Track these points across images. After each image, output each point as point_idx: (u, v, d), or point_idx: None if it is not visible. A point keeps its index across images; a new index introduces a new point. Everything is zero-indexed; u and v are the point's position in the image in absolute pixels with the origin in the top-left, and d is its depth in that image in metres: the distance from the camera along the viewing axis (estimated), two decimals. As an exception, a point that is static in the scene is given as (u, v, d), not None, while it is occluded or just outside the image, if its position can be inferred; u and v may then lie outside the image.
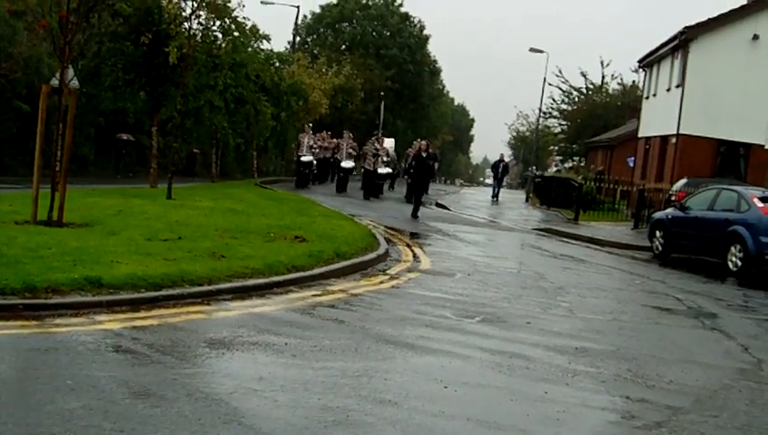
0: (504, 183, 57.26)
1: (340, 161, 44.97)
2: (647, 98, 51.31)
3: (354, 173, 46.90)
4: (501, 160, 55.54)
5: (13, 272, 11.48)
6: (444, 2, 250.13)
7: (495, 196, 53.55)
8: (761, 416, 9.50)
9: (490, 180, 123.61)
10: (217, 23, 29.79)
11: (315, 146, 44.54)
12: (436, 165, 33.16)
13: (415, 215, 31.72)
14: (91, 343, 9.53)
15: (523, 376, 10.06)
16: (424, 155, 32.16)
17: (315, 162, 45.07)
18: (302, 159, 43.06)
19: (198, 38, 28.78)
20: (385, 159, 43.81)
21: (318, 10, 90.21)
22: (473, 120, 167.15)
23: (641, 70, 55.87)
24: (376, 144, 42.90)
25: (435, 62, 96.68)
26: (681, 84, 40.52)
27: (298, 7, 70.31)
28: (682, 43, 40.53)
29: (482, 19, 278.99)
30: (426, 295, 15.08)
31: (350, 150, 44.81)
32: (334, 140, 49.95)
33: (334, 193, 40.99)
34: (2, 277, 11.09)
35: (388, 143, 47.02)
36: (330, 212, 27.49)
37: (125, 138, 45.66)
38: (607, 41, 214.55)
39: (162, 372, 8.75)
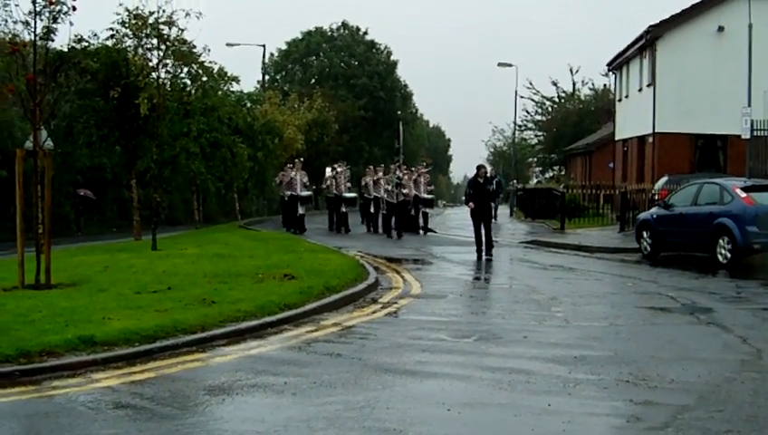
0: (500, 200, 54.02)
1: (338, 196, 39.37)
2: (619, 100, 51.45)
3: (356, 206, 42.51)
4: (493, 177, 53.39)
5: (6, 339, 11.44)
6: (406, 25, 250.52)
7: (494, 216, 50.07)
8: (765, 405, 9.49)
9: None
10: (185, 69, 29.79)
11: (309, 182, 39.43)
12: (492, 188, 28.22)
13: (489, 253, 26.59)
14: (90, 402, 9.50)
15: (525, 390, 10.04)
16: (480, 180, 27.29)
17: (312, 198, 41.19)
18: (302, 193, 37.69)
19: (168, 87, 28.74)
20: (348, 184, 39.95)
21: (284, 47, 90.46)
22: (449, 140, 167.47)
23: (611, 73, 56.10)
24: (398, 172, 37.93)
25: (405, 86, 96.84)
26: (652, 83, 40.65)
27: (264, 46, 70.66)
28: (648, 42, 40.70)
29: (445, 38, 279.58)
30: (420, 320, 15.07)
31: (348, 184, 40.31)
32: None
33: (327, 231, 39.04)
34: (-5, 346, 11.06)
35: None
36: (315, 247, 27.44)
37: (82, 193, 45.40)
38: (574, 47, 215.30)
39: (164, 424, 8.72)
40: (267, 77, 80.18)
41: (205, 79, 31.88)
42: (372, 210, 38.98)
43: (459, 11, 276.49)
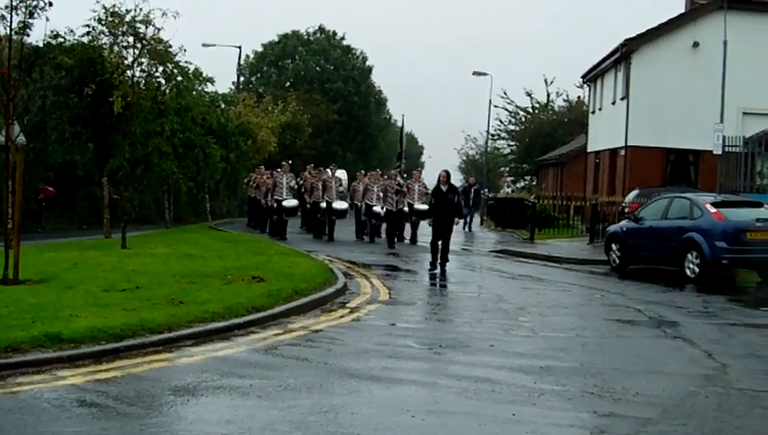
0: (475, 210, 50.87)
1: (329, 203, 36.44)
2: (593, 112, 51.68)
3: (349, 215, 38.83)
4: (471, 185, 50.13)
5: (-29, 334, 11.39)
6: (382, 32, 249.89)
7: (468, 224, 46.97)
8: (728, 420, 9.56)
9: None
10: (160, 68, 29.69)
11: (295, 187, 37.50)
12: (455, 198, 25.72)
13: (443, 267, 24.66)
14: (55, 399, 9.46)
15: (490, 399, 10.07)
16: (444, 188, 25.20)
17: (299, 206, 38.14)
18: (285, 203, 35.91)
19: (142, 85, 28.66)
20: (340, 189, 38.72)
21: (260, 49, 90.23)
22: (422, 147, 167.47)
23: (585, 85, 56.25)
24: (399, 178, 35.31)
25: (380, 92, 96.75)
26: (626, 96, 40.84)
27: (240, 47, 70.44)
28: (624, 55, 40.89)
29: (420, 45, 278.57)
30: (387, 326, 15.11)
31: (342, 189, 38.78)
32: (264, 176, 42.50)
33: (301, 235, 38.31)
34: (-40, 341, 11.01)
35: (341, 174, 42.90)
36: (286, 250, 27.37)
37: (43, 196, 45.17)
38: (549, 58, 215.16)
39: (128, 423, 8.71)
40: (242, 79, 79.96)
41: (179, 79, 31.77)
42: (363, 218, 37.42)
43: (435, 20, 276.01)
